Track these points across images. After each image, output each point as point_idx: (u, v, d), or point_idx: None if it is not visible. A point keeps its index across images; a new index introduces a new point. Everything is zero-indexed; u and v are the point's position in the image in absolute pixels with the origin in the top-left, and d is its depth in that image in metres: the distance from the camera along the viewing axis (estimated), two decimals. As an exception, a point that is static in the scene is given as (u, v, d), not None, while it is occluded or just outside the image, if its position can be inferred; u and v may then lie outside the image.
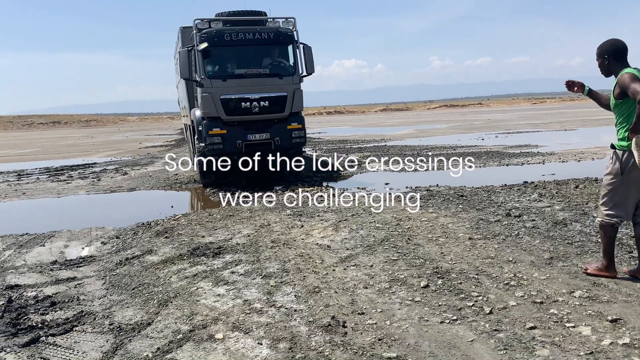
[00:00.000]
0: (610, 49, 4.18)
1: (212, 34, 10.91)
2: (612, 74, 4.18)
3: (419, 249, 5.46)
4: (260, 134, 11.19)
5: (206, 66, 10.99)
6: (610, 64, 4.19)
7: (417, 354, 3.31)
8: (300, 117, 11.69)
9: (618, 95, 4.10)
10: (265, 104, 11.09)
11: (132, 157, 20.56)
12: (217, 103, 10.90)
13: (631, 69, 4.06)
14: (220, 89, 10.93)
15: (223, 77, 11.09)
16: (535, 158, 14.40)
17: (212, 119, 10.99)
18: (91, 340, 3.88)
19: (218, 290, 4.68)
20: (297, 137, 11.57)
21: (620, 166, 4.16)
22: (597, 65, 4.30)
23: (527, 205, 7.33)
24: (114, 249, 6.59)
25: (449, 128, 31.90)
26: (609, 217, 4.28)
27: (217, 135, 10.92)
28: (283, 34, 11.42)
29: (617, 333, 3.41)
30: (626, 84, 3.94)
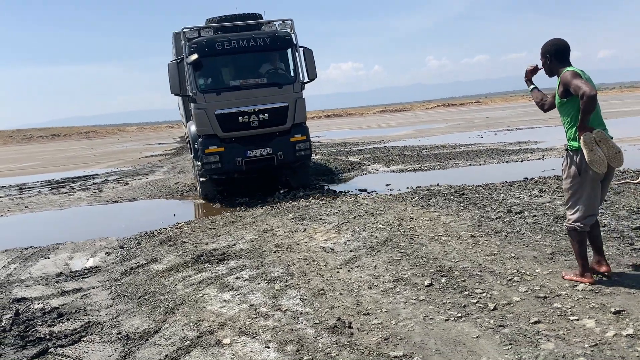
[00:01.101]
0: (552, 48, 4.16)
1: (203, 44, 10.00)
2: (555, 73, 4.17)
3: (422, 248, 5.49)
4: (261, 150, 10.30)
5: (198, 79, 10.13)
6: (552, 64, 4.17)
7: (424, 352, 3.34)
8: (304, 128, 10.76)
9: (562, 93, 4.06)
10: (264, 116, 10.18)
11: (132, 167, 20.60)
12: (212, 119, 10.02)
13: (572, 67, 4.06)
14: (215, 103, 10.02)
15: (217, 91, 10.16)
16: (535, 154, 14.43)
17: (208, 137, 10.16)
18: (99, 350, 3.91)
19: (224, 296, 4.71)
20: (302, 150, 10.63)
21: (576, 167, 4.08)
22: (541, 65, 4.31)
23: (528, 201, 7.36)
24: (119, 259, 6.63)
25: (448, 127, 31.95)
26: (574, 222, 4.16)
27: (214, 153, 10.09)
28: (280, 38, 10.48)
29: (621, 324, 3.44)
30: (568, 80, 3.92)
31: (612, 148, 3.92)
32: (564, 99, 4.09)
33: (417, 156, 16.06)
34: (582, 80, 3.87)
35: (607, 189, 4.34)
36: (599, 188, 4.14)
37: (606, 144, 3.92)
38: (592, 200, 4.12)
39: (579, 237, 4.18)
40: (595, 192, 4.12)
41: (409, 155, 16.56)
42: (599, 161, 3.88)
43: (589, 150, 3.88)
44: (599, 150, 3.89)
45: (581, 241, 4.20)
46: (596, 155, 3.88)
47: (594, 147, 3.89)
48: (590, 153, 3.88)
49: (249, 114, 10.13)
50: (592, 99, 3.77)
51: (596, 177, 4.03)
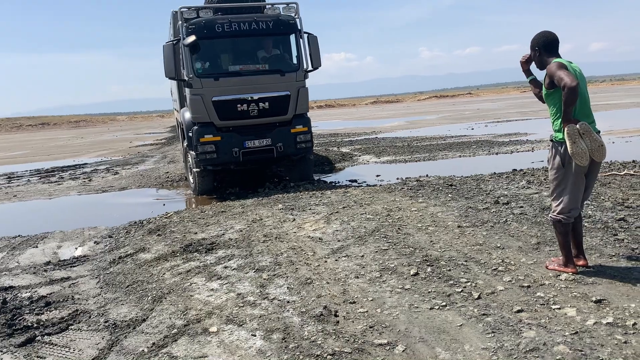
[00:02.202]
0: (541, 41, 4.17)
1: (201, 25, 9.39)
2: (545, 66, 4.17)
3: (409, 238, 5.54)
4: (260, 140, 9.76)
5: (195, 63, 9.55)
6: (541, 56, 4.18)
7: (408, 339, 3.38)
8: (306, 119, 10.22)
9: (548, 84, 4.09)
10: (265, 105, 9.66)
11: (122, 157, 20.51)
12: (208, 106, 9.47)
13: (560, 59, 4.07)
14: (212, 89, 9.49)
15: (215, 76, 9.61)
16: (524, 146, 14.53)
17: (204, 124, 9.61)
18: (87, 338, 3.93)
19: (211, 285, 4.73)
20: (303, 142, 10.09)
21: (561, 159, 4.09)
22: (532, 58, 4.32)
23: (515, 193, 7.43)
24: (107, 248, 6.63)
25: (439, 119, 32.03)
26: (559, 214, 4.18)
27: (210, 143, 9.53)
28: (284, 22, 9.86)
29: (601, 313, 3.51)
30: (552, 71, 3.94)
31: (595, 141, 3.93)
32: (550, 90, 4.11)
33: (408, 147, 16.11)
34: (565, 72, 3.87)
35: (594, 181, 4.35)
36: (583, 180, 4.14)
37: (590, 137, 3.92)
38: (575, 192, 4.13)
39: (564, 228, 4.20)
40: (579, 184, 4.12)
41: (400, 146, 16.61)
42: (581, 154, 3.90)
43: (572, 142, 3.90)
44: (582, 142, 3.91)
45: (565, 232, 4.22)
46: (579, 148, 3.90)
47: (577, 139, 3.90)
48: (573, 145, 3.90)
49: (249, 102, 9.62)
50: (572, 91, 3.77)
51: (580, 169, 4.04)
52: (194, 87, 9.53)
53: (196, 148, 9.64)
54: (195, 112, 9.64)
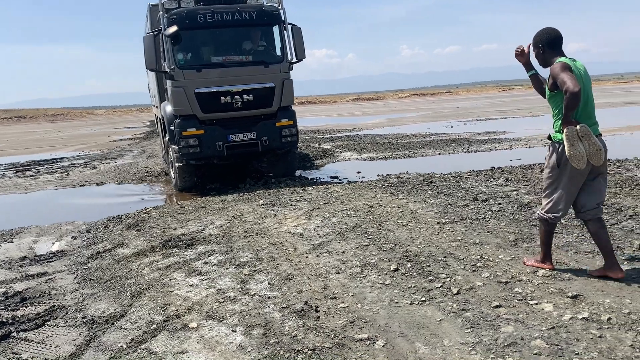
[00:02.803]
0: (544, 37, 4.07)
1: (183, 15, 9.18)
2: (548, 64, 4.06)
3: (390, 234, 5.57)
4: (245, 134, 9.59)
5: (176, 54, 9.32)
6: (545, 54, 4.07)
7: (388, 334, 3.41)
8: (291, 112, 10.07)
9: (552, 86, 3.98)
10: (249, 97, 9.50)
11: (101, 151, 20.23)
12: (191, 98, 9.27)
13: (565, 58, 3.97)
14: (195, 81, 9.29)
15: (197, 67, 9.41)
16: (502, 144, 14.71)
17: (186, 117, 9.39)
18: (64, 334, 3.88)
19: (191, 281, 4.70)
20: (288, 136, 9.94)
21: (557, 159, 4.02)
22: (534, 56, 4.20)
23: (493, 190, 7.52)
24: (85, 243, 6.54)
25: (419, 116, 32.23)
26: (546, 213, 4.16)
27: (193, 136, 9.31)
28: (268, 13, 9.73)
29: (577, 308, 3.57)
30: (556, 73, 3.85)
31: (594, 145, 3.83)
32: (553, 92, 4.00)
33: (389, 144, 16.19)
34: (568, 75, 3.77)
35: (604, 184, 4.15)
36: (578, 184, 4.04)
37: (588, 140, 3.83)
38: (567, 194, 4.05)
39: (548, 227, 4.21)
40: (573, 187, 4.04)
41: (381, 143, 16.68)
42: (579, 157, 3.83)
43: (570, 145, 3.83)
44: (580, 145, 3.83)
45: (549, 231, 4.23)
46: (576, 151, 3.82)
47: (575, 142, 3.82)
48: (571, 147, 3.83)
49: (232, 94, 9.45)
50: (574, 96, 3.68)
51: (576, 172, 3.95)
52: (175, 78, 9.31)
53: (178, 142, 9.39)
54: (177, 105, 9.40)
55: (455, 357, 3.09)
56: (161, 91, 10.93)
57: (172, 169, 10.52)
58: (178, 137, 9.38)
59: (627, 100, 34.13)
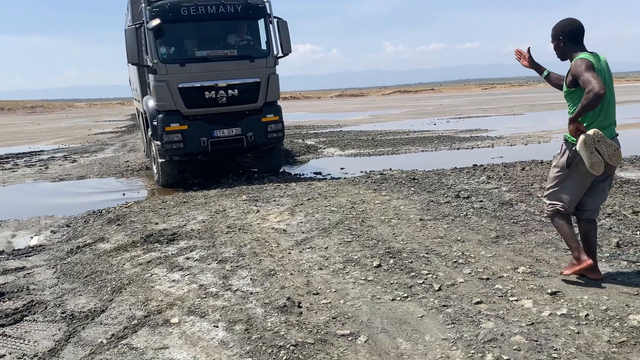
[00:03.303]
0: (566, 29, 3.80)
1: (166, 8, 9.00)
2: (568, 57, 3.82)
3: (372, 231, 5.59)
4: (230, 129, 9.40)
5: (159, 48, 9.10)
6: (565, 47, 3.82)
7: (370, 330, 3.43)
8: (277, 108, 9.94)
9: (570, 83, 3.74)
10: (234, 92, 9.34)
11: (81, 144, 19.95)
12: (174, 93, 9.09)
13: (587, 53, 3.72)
14: (178, 75, 9.10)
15: (181, 61, 9.21)
16: (484, 142, 14.83)
17: (170, 112, 9.18)
18: (43, 330, 3.83)
19: (173, 276, 4.67)
20: (274, 132, 9.80)
21: (567, 159, 3.84)
22: (553, 48, 3.92)
23: (475, 187, 7.59)
24: (65, 238, 6.45)
25: (403, 113, 32.36)
26: (552, 205, 3.99)
27: (177, 132, 9.12)
28: (253, 6, 9.59)
29: (556, 305, 3.63)
30: (578, 72, 3.59)
31: (611, 146, 3.66)
32: (572, 88, 3.77)
33: (372, 141, 16.22)
34: (593, 75, 3.53)
35: (610, 184, 4.11)
36: (586, 184, 3.89)
37: (605, 143, 3.65)
38: (574, 193, 3.91)
39: (564, 219, 3.96)
40: (580, 187, 3.90)
41: (364, 140, 16.71)
42: (599, 163, 3.65)
43: (589, 153, 3.63)
44: (598, 151, 3.64)
45: (568, 223, 3.97)
46: (596, 158, 3.64)
47: (593, 149, 3.63)
48: (590, 155, 3.64)
49: (217, 89, 9.27)
50: (597, 98, 3.47)
51: (587, 174, 3.77)
52: (158, 73, 9.13)
53: (161, 137, 9.20)
54: (160, 100, 9.22)
55: (437, 352, 3.12)
56: (143, 85, 10.67)
57: (154, 165, 10.33)
58: (161, 133, 9.19)
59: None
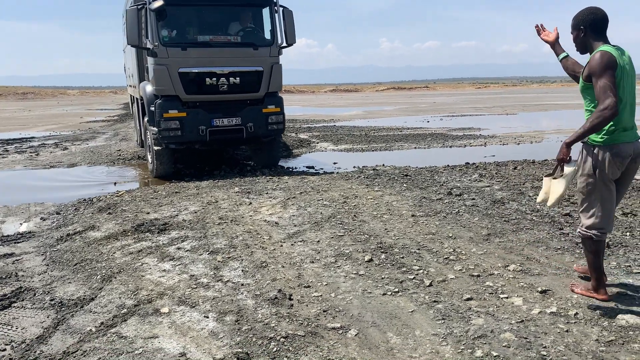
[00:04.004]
0: (588, 18, 3.47)
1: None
2: (588, 50, 3.52)
3: (364, 225, 5.59)
4: (229, 119, 9.15)
5: (161, 30, 8.82)
6: (586, 37, 3.50)
7: (360, 324, 3.43)
8: (279, 99, 9.73)
9: (587, 77, 3.42)
10: (236, 80, 9.10)
11: (72, 132, 19.79)
12: (174, 78, 8.82)
13: (609, 46, 3.39)
14: (179, 60, 8.83)
15: (182, 45, 8.93)
16: (477, 140, 14.88)
17: (168, 98, 8.92)
18: (31, 316, 3.80)
19: (164, 266, 4.65)
20: (275, 124, 9.56)
21: (593, 164, 3.46)
22: (572, 40, 3.61)
23: (467, 185, 7.61)
24: (55, 225, 6.41)
25: (396, 110, 32.38)
26: (589, 229, 3.55)
27: (175, 118, 8.84)
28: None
29: (546, 303, 3.65)
30: (596, 71, 3.31)
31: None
32: (588, 83, 3.44)
33: (365, 137, 16.23)
34: (610, 83, 3.25)
35: (626, 189, 3.79)
36: (614, 189, 3.53)
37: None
38: (609, 202, 3.52)
39: (595, 246, 3.59)
40: (611, 192, 3.52)
41: (358, 135, 16.71)
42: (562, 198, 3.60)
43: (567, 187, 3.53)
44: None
45: (597, 252, 3.61)
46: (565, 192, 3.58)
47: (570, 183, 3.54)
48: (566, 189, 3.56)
49: (218, 75, 9.01)
50: (609, 116, 3.23)
51: (609, 177, 3.48)
52: (159, 56, 8.83)
53: (159, 124, 8.91)
54: (159, 84, 8.94)
55: (426, 347, 3.13)
56: (141, 70, 10.42)
57: (149, 154, 10.03)
58: (159, 119, 8.90)
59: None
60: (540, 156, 10.43)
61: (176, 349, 3.20)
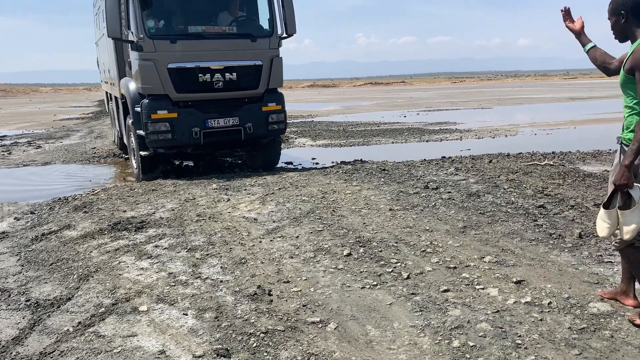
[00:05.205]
0: (630, 2, 3.07)
1: None
2: (630, 38, 3.13)
3: (343, 220, 5.63)
4: (226, 119, 8.33)
5: (146, 20, 7.90)
6: (627, 24, 3.11)
7: (340, 317, 3.46)
8: (279, 96, 8.92)
9: (630, 70, 3.03)
10: (232, 76, 8.29)
11: (46, 130, 19.44)
12: (162, 75, 7.94)
13: None
14: (168, 54, 7.94)
15: (171, 37, 8.03)
16: (453, 134, 15.05)
17: (156, 97, 8.04)
18: (6, 318, 3.75)
19: (141, 264, 4.62)
20: (275, 123, 8.75)
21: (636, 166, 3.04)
22: (610, 27, 3.23)
23: (444, 179, 7.69)
24: (29, 225, 6.30)
25: (373, 105, 32.51)
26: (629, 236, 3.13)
27: (164, 120, 7.98)
28: None
29: (521, 293, 3.73)
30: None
31: None
32: (630, 76, 3.07)
33: (343, 132, 16.28)
34: None
35: None
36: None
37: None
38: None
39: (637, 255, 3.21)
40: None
41: (336, 130, 16.75)
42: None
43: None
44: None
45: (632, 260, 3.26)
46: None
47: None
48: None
49: (212, 71, 8.15)
50: None
51: None
52: (144, 50, 7.90)
53: (146, 126, 8.02)
54: (145, 82, 8.02)
55: (405, 339, 3.18)
56: (121, 65, 9.48)
57: (133, 157, 9.13)
58: (146, 121, 8.02)
59: (572, 95, 35.47)
60: (515, 149, 10.60)
61: (155, 347, 3.19)
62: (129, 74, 8.79)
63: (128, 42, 8.28)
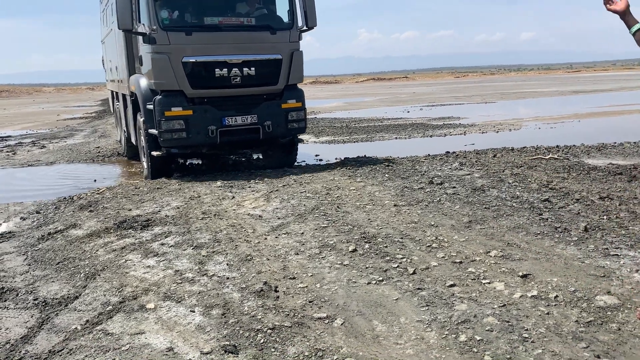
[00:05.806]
0: None
1: None
2: None
3: (348, 216, 5.63)
4: (244, 117, 7.89)
5: (160, 11, 7.49)
6: None
7: (346, 313, 3.47)
8: (300, 92, 8.49)
9: None
10: (250, 71, 7.83)
11: (49, 130, 19.50)
12: (177, 69, 7.52)
13: None
14: (182, 47, 7.53)
15: (187, 29, 7.63)
16: (457, 129, 15.02)
17: (170, 94, 7.62)
18: (14, 317, 3.77)
19: (148, 262, 4.63)
20: (295, 121, 8.32)
21: None
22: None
23: (448, 174, 7.69)
24: (35, 224, 6.33)
25: (377, 101, 32.48)
26: None
27: (179, 118, 7.58)
28: None
29: (527, 287, 3.73)
30: None
31: None
32: None
33: (347, 128, 16.28)
34: None
35: None
36: None
37: None
38: None
39: None
40: None
41: (339, 127, 16.75)
42: None
43: None
44: None
45: None
46: None
47: None
48: None
49: (230, 65, 7.71)
50: None
51: None
52: (157, 43, 7.48)
53: (159, 124, 7.62)
54: (159, 77, 7.61)
55: (411, 334, 3.18)
56: (131, 61, 9.01)
57: (143, 157, 8.71)
58: (159, 119, 7.63)
59: (576, 89, 35.36)
60: (519, 143, 10.57)
61: (163, 344, 3.20)
62: (140, 69, 8.42)
63: (140, 35, 7.86)
